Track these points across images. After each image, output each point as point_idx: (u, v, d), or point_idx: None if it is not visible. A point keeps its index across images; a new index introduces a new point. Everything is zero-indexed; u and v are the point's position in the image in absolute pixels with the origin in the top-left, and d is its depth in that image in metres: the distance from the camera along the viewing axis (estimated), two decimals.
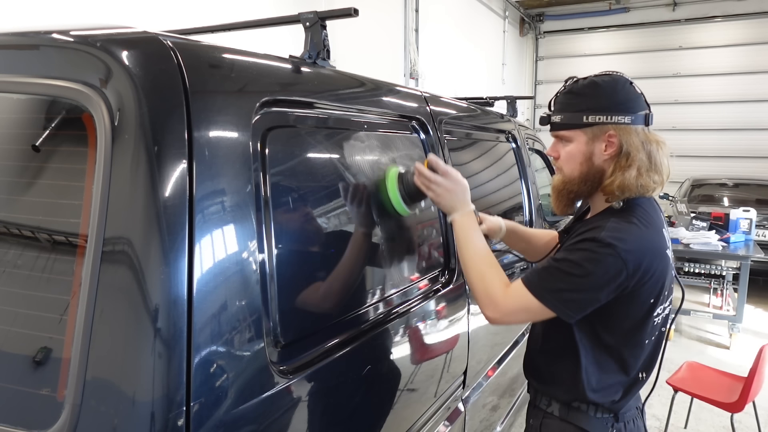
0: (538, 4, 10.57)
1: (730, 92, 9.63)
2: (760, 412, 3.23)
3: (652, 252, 1.26)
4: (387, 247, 1.47)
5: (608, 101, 1.30)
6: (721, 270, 5.51)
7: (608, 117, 1.30)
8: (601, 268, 1.21)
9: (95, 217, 0.84)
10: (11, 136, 1.02)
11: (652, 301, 1.30)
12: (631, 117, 1.30)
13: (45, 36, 0.97)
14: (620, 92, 1.32)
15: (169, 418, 0.82)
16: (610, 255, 1.21)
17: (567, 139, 1.36)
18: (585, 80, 1.35)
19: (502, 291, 1.31)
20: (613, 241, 1.21)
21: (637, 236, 1.25)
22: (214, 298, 0.89)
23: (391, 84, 1.69)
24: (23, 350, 0.92)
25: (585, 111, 1.31)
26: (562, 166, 1.39)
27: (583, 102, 1.32)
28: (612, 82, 1.32)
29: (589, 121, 1.31)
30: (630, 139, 1.30)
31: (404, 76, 6.37)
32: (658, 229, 1.31)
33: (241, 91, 1.06)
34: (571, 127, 1.34)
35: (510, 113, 3.17)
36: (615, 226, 1.25)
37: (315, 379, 1.12)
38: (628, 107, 1.31)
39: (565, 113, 1.35)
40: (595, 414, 1.39)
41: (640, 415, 1.48)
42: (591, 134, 1.32)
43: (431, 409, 1.63)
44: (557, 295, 1.25)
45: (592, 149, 1.33)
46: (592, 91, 1.32)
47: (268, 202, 1.05)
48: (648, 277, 1.26)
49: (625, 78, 1.34)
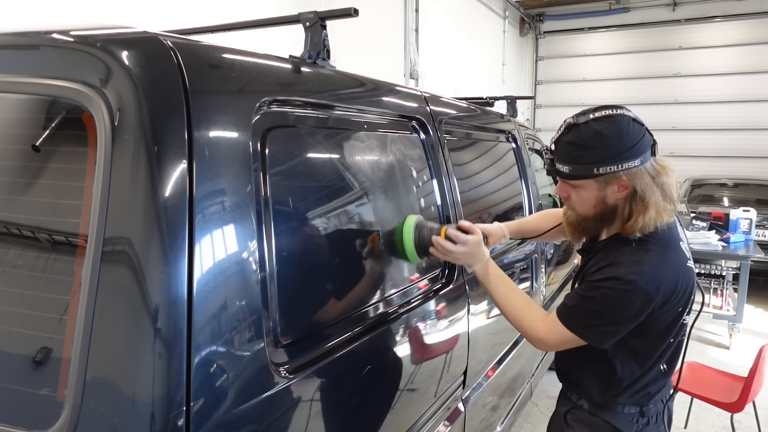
0: (538, 4, 10.57)
1: (730, 92, 9.62)
2: (760, 412, 3.23)
3: (673, 273, 1.31)
4: (387, 248, 1.47)
5: (616, 150, 1.28)
6: (721, 270, 5.51)
7: (619, 166, 1.28)
8: (628, 303, 1.28)
9: (95, 217, 0.84)
10: (11, 136, 1.02)
11: (680, 310, 1.36)
12: (641, 158, 1.29)
13: (45, 36, 0.97)
14: (626, 138, 1.28)
15: (169, 418, 0.82)
16: (633, 291, 1.27)
17: (578, 186, 1.37)
18: (587, 128, 1.30)
19: (542, 328, 1.41)
20: (634, 278, 1.27)
21: (656, 264, 1.29)
22: (214, 298, 0.89)
23: (391, 84, 1.69)
24: (23, 350, 0.92)
25: (594, 164, 1.29)
26: (575, 207, 1.42)
27: (591, 155, 1.30)
28: (616, 129, 1.28)
29: (600, 172, 1.30)
30: (642, 181, 1.30)
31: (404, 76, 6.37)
32: (675, 247, 1.36)
33: (241, 91, 1.06)
34: (582, 178, 1.34)
35: (510, 113, 3.17)
36: (632, 259, 1.30)
37: (315, 379, 1.12)
38: (636, 151, 1.28)
39: (574, 165, 1.33)
40: (622, 410, 1.46)
41: (665, 411, 1.51)
42: (603, 181, 1.32)
43: (431, 409, 1.63)
44: (591, 330, 1.35)
45: (605, 193, 1.34)
46: (598, 142, 1.29)
47: (268, 202, 1.05)
48: (674, 295, 1.32)
49: (627, 117, 1.31)
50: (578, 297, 1.37)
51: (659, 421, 1.49)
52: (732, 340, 5.04)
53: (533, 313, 1.45)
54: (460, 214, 1.89)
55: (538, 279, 2.76)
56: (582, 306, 1.35)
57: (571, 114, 1.38)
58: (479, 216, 2.24)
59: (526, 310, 1.46)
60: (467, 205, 2.00)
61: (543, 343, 1.43)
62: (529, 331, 1.44)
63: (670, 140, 9.70)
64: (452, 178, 1.88)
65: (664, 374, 1.46)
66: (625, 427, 1.45)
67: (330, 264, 1.26)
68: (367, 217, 1.41)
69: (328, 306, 1.23)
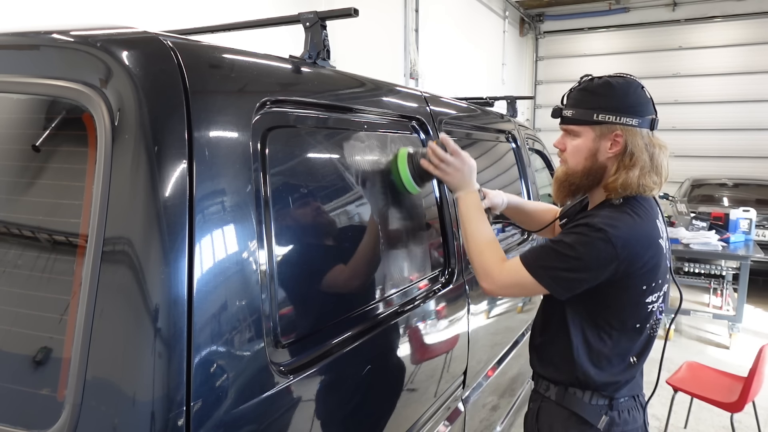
0: (538, 4, 10.57)
1: (730, 92, 9.62)
2: (760, 412, 3.23)
3: (643, 239, 1.33)
4: (387, 248, 1.48)
5: (619, 102, 1.36)
6: (721, 270, 5.51)
7: (617, 117, 1.36)
8: (593, 250, 1.29)
9: (95, 217, 0.84)
10: (11, 136, 1.02)
11: (645, 288, 1.36)
12: (638, 120, 1.36)
13: (45, 36, 0.97)
14: (631, 95, 1.37)
15: (170, 418, 0.82)
16: (601, 239, 1.29)
17: (575, 134, 1.43)
18: (600, 79, 1.40)
19: (499, 266, 1.41)
20: (604, 227, 1.29)
21: (628, 224, 1.32)
22: (214, 298, 0.89)
23: (391, 84, 1.69)
24: (23, 350, 0.92)
25: (596, 109, 1.37)
26: (567, 159, 1.46)
27: (595, 100, 1.38)
28: (625, 85, 1.38)
29: (599, 119, 1.37)
30: (635, 141, 1.36)
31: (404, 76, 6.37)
32: (651, 220, 1.38)
33: (241, 91, 1.06)
34: (581, 123, 1.40)
35: (510, 113, 3.17)
36: (608, 214, 1.35)
37: (315, 379, 1.12)
38: (637, 110, 1.36)
39: (577, 109, 1.40)
40: (590, 401, 1.45)
41: (639, 407, 1.50)
42: (599, 132, 1.38)
43: (431, 409, 1.63)
44: (550, 273, 1.34)
45: (598, 146, 1.39)
46: (605, 90, 1.38)
47: (268, 202, 1.05)
48: (640, 264, 1.32)
49: (638, 82, 1.40)
50: (547, 241, 1.40)
51: (633, 418, 1.47)
52: (732, 340, 5.04)
53: (497, 252, 1.44)
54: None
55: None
56: (547, 248, 1.36)
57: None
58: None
59: (491, 248, 1.45)
60: None
61: (493, 279, 1.40)
62: (485, 267, 1.42)
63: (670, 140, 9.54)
64: None
65: (632, 366, 1.44)
66: (592, 418, 1.44)
67: (330, 264, 1.26)
68: (367, 217, 1.41)
69: (328, 306, 1.23)
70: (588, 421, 1.44)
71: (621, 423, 1.44)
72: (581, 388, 1.45)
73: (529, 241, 2.71)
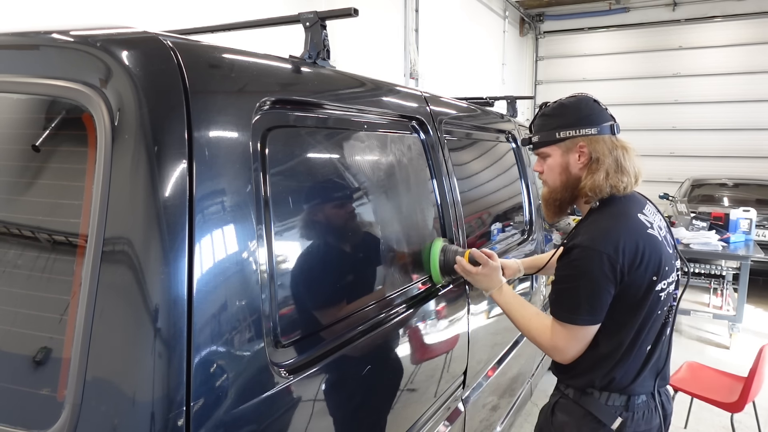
0: (538, 4, 10.56)
1: (730, 92, 9.62)
2: (760, 412, 3.23)
3: (629, 235, 1.40)
4: (387, 248, 1.47)
5: (574, 117, 1.50)
6: (721, 270, 5.51)
7: (576, 130, 1.49)
8: (593, 267, 1.37)
9: (95, 217, 0.84)
10: (11, 136, 1.02)
11: (654, 278, 1.41)
12: (596, 128, 1.49)
13: (45, 36, 0.97)
14: (584, 109, 1.51)
15: (169, 418, 0.82)
16: (591, 255, 1.37)
17: (546, 155, 1.56)
18: (555, 103, 1.56)
19: (548, 336, 1.48)
20: (588, 243, 1.39)
21: (607, 229, 1.41)
22: (214, 298, 0.89)
23: (391, 84, 1.69)
24: (23, 350, 0.92)
25: (557, 128, 1.51)
26: (546, 179, 1.59)
27: (554, 121, 1.53)
28: (576, 102, 1.53)
29: (561, 136, 1.50)
30: (598, 147, 1.48)
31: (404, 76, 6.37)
32: (632, 216, 1.46)
33: (241, 91, 1.06)
34: (547, 144, 1.54)
35: (510, 113, 3.17)
36: (587, 228, 1.45)
37: (315, 379, 1.12)
38: (592, 120, 1.49)
39: (541, 132, 1.55)
40: (606, 401, 1.48)
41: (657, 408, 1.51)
42: (565, 147, 1.51)
43: (431, 409, 1.63)
44: (578, 311, 1.41)
45: (568, 160, 1.52)
46: (560, 111, 1.53)
47: (268, 202, 1.05)
48: (639, 257, 1.38)
49: (588, 97, 1.54)
50: (554, 285, 1.48)
51: (647, 420, 1.49)
52: (732, 340, 5.04)
53: (540, 322, 1.52)
54: (460, 214, 1.89)
55: (537, 278, 2.77)
56: (559, 292, 1.45)
57: None
58: (479, 216, 2.24)
59: (534, 321, 1.54)
60: (467, 205, 2.00)
61: (557, 349, 1.47)
62: (541, 342, 1.50)
63: (670, 140, 9.71)
64: (452, 178, 1.88)
65: (646, 355, 1.47)
66: (606, 419, 1.47)
67: (330, 264, 1.26)
68: (367, 217, 1.41)
69: (328, 306, 1.23)
70: (601, 421, 1.47)
71: (634, 424, 1.47)
72: (599, 389, 1.49)
73: (530, 240, 2.72)
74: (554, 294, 1.47)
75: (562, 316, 1.44)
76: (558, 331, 1.45)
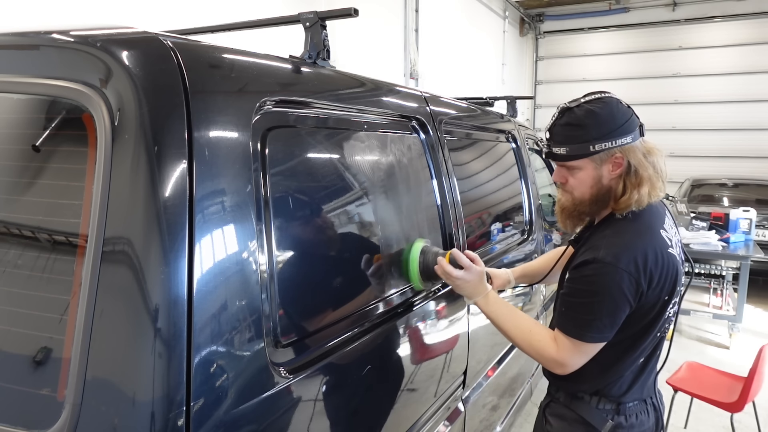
0: (538, 4, 10.57)
1: (730, 92, 9.62)
2: (760, 412, 3.23)
3: (651, 254, 1.33)
4: (387, 248, 1.47)
5: (610, 127, 1.35)
6: (721, 270, 5.51)
7: (614, 142, 1.35)
8: (614, 287, 1.30)
9: (95, 217, 0.84)
10: (11, 136, 1.02)
11: (666, 298, 1.37)
12: (632, 136, 1.36)
13: (45, 36, 0.97)
14: (618, 117, 1.36)
15: (169, 418, 0.82)
16: (614, 274, 1.29)
17: (575, 168, 1.41)
18: (580, 109, 1.38)
19: (554, 349, 1.39)
20: (611, 260, 1.30)
21: (632, 246, 1.32)
22: (214, 298, 0.89)
23: (391, 84, 1.69)
24: (23, 350, 0.92)
25: (590, 141, 1.35)
26: (573, 191, 1.45)
27: (586, 133, 1.36)
28: (608, 108, 1.37)
29: (596, 149, 1.35)
30: (636, 157, 1.36)
31: (404, 76, 6.37)
32: (655, 233, 1.38)
33: (241, 91, 1.06)
34: (580, 158, 1.38)
35: (510, 113, 3.17)
36: (611, 242, 1.35)
37: (315, 379, 1.12)
38: (627, 128, 1.36)
39: (571, 145, 1.38)
40: (596, 405, 1.46)
41: (649, 411, 1.50)
42: (599, 160, 1.37)
43: (431, 409, 1.63)
44: (592, 327, 1.34)
45: (601, 173, 1.39)
46: (592, 120, 1.36)
47: (268, 203, 1.05)
48: (659, 276, 1.33)
49: (616, 99, 1.40)
50: (565, 297, 1.40)
51: (640, 422, 1.47)
52: (732, 340, 5.04)
53: (541, 333, 1.43)
54: (460, 214, 1.89)
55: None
56: (571, 305, 1.37)
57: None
58: (479, 216, 2.24)
59: (533, 333, 1.44)
60: (467, 205, 2.00)
61: (560, 363, 1.39)
62: (542, 356, 1.41)
63: (670, 140, 9.70)
64: (452, 178, 1.88)
65: (641, 367, 1.45)
66: (597, 423, 1.45)
67: (330, 264, 1.26)
68: (367, 217, 1.41)
69: (328, 306, 1.23)
70: (592, 425, 1.46)
71: (627, 427, 1.45)
72: (589, 394, 1.47)
73: (530, 241, 2.71)
74: (565, 307, 1.39)
75: (571, 332, 1.36)
76: (565, 346, 1.37)
